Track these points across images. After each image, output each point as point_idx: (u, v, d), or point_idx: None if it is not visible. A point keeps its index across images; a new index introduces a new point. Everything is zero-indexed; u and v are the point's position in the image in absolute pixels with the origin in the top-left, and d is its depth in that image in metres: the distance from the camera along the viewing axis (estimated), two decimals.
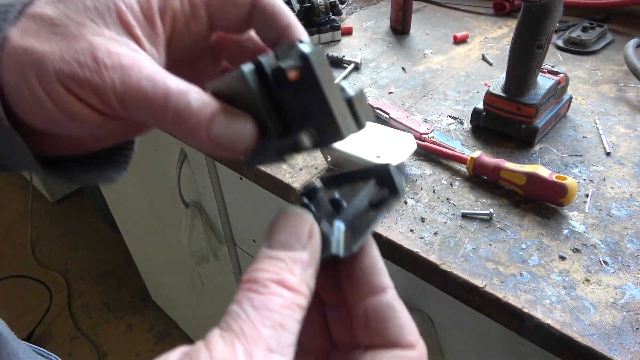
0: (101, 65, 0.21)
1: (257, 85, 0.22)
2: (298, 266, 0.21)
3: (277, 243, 0.21)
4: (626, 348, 0.41)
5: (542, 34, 0.59)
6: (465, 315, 0.57)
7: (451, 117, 0.73)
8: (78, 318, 1.93)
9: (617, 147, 0.64)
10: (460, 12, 1.09)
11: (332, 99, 0.21)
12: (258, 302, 0.19)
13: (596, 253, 0.50)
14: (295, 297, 0.20)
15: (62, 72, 0.21)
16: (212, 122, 0.22)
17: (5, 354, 0.35)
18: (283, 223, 0.22)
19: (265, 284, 0.20)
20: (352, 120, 0.22)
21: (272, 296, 0.19)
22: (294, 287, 0.20)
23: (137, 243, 1.59)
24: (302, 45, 0.21)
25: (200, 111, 0.22)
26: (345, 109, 0.22)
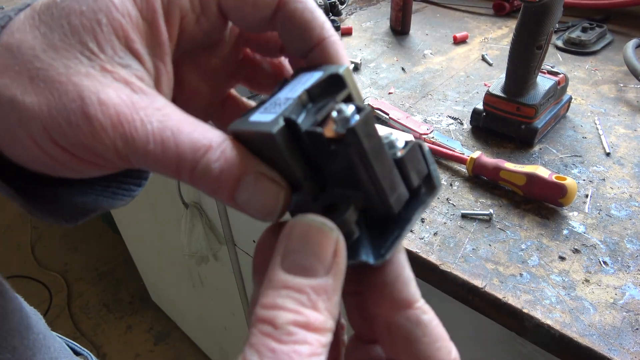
0: (96, 125, 0.18)
1: (289, 148, 0.19)
2: (322, 297, 0.17)
3: (295, 266, 0.18)
4: (626, 348, 0.41)
5: (541, 35, 0.59)
6: (465, 315, 0.57)
7: (451, 118, 0.73)
8: (78, 318, 1.93)
9: (616, 148, 0.64)
10: (460, 12, 1.09)
11: (382, 172, 0.19)
12: (282, 355, 0.16)
13: (596, 253, 0.50)
14: (322, 338, 0.17)
15: (52, 130, 0.18)
16: (238, 188, 0.19)
17: (48, 357, 0.35)
18: (302, 239, 0.18)
19: (288, 330, 0.16)
20: (403, 188, 0.20)
21: (298, 345, 0.16)
22: (319, 327, 0.17)
23: (137, 243, 1.59)
24: (347, 108, 0.18)
25: (222, 175, 0.19)
26: (396, 177, 0.20)
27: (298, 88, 0.20)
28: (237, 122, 0.21)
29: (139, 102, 0.19)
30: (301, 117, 0.19)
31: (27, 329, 0.33)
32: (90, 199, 0.25)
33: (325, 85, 0.20)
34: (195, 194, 1.01)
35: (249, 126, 0.20)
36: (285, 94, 0.21)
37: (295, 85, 0.21)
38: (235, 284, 1.12)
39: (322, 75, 0.20)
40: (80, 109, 0.18)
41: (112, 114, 0.18)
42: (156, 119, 0.18)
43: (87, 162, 0.20)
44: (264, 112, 0.20)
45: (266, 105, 0.21)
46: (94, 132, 0.18)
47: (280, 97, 0.21)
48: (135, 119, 0.18)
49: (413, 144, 0.20)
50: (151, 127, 0.18)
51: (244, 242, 1.00)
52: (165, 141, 0.18)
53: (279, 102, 0.20)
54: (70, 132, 0.18)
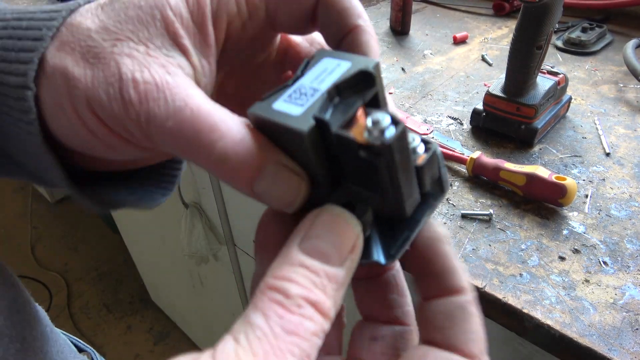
0: (126, 99, 0.19)
1: (316, 147, 0.19)
2: (333, 285, 0.18)
3: (314, 250, 0.18)
4: (626, 348, 0.41)
5: (541, 35, 0.59)
6: None
7: (451, 118, 0.73)
8: (78, 318, 1.93)
9: (616, 148, 0.65)
10: (460, 12, 1.09)
11: (404, 181, 0.19)
12: (289, 324, 0.16)
13: (596, 253, 0.50)
14: (325, 322, 0.17)
15: (93, 100, 0.20)
16: (257, 178, 0.19)
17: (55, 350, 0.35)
18: (325, 226, 0.19)
19: (298, 301, 0.17)
20: (418, 193, 0.20)
21: (305, 320, 0.17)
22: (325, 311, 0.17)
23: (137, 244, 1.59)
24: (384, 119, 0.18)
25: (241, 163, 0.19)
26: (414, 184, 0.20)
27: (325, 78, 0.20)
28: (259, 105, 0.20)
29: (168, 82, 0.20)
30: (328, 114, 0.19)
31: (36, 321, 0.34)
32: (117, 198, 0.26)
33: (354, 80, 0.20)
34: (195, 194, 1.01)
35: (275, 116, 0.19)
36: (311, 82, 0.20)
37: (320, 72, 0.20)
38: (235, 284, 1.12)
39: (350, 68, 0.20)
40: (117, 83, 0.19)
41: (140, 90, 0.19)
42: (179, 98, 0.19)
43: (120, 138, 0.21)
44: (289, 100, 0.20)
45: (290, 92, 0.20)
46: (125, 106, 0.19)
47: (305, 86, 0.20)
48: (160, 97, 0.19)
49: (433, 151, 0.20)
50: (173, 105, 0.19)
51: (244, 243, 1.00)
52: (183, 121, 0.19)
53: (304, 92, 0.20)
54: (107, 104, 0.20)
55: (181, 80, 0.20)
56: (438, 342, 0.20)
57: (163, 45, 0.21)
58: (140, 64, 0.20)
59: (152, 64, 0.20)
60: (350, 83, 0.20)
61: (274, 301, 0.17)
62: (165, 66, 0.20)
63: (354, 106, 0.19)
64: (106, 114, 0.20)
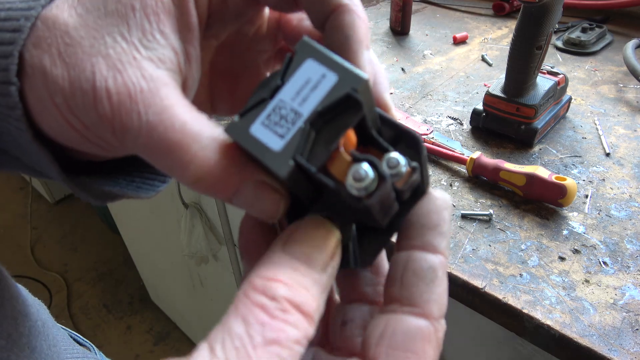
0: (99, 110, 0.19)
1: (295, 183, 0.19)
2: (317, 289, 0.18)
3: (299, 253, 0.18)
4: (626, 349, 0.41)
5: (541, 35, 0.59)
6: (464, 316, 0.57)
7: (451, 118, 0.73)
8: (77, 319, 1.93)
9: (616, 148, 0.65)
10: (460, 13, 1.09)
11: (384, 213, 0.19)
12: (271, 332, 0.16)
13: (596, 254, 0.50)
14: (309, 327, 0.17)
15: (73, 105, 0.19)
16: (236, 194, 0.19)
17: (46, 345, 0.35)
18: (308, 233, 0.19)
19: (283, 305, 0.16)
20: (396, 206, 0.20)
21: (288, 326, 0.16)
22: (311, 314, 0.17)
23: (137, 244, 1.59)
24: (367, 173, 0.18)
25: (217, 183, 0.19)
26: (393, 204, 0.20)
27: (307, 96, 0.19)
28: (235, 126, 0.19)
29: (143, 90, 0.19)
30: (307, 151, 0.19)
31: (23, 317, 0.33)
32: (115, 190, 0.26)
33: (339, 105, 0.19)
34: (195, 195, 1.01)
35: (253, 147, 0.19)
36: (292, 99, 0.19)
37: (302, 84, 0.19)
38: (235, 284, 1.12)
39: (336, 87, 0.19)
40: (92, 92, 0.19)
41: (114, 102, 0.19)
42: (153, 111, 0.19)
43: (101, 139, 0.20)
44: (268, 124, 0.19)
45: (269, 111, 0.19)
46: (99, 117, 0.19)
47: (285, 103, 0.19)
48: (133, 110, 0.19)
49: (417, 169, 0.20)
50: (146, 119, 0.18)
51: None
52: (156, 138, 0.18)
53: (284, 115, 0.19)
54: (83, 108, 0.19)
55: (158, 86, 0.19)
56: (400, 299, 0.20)
57: (144, 36, 0.20)
58: (114, 67, 0.19)
59: (128, 67, 0.19)
60: (334, 108, 0.19)
61: (257, 305, 0.16)
62: (142, 68, 0.19)
63: (336, 138, 0.19)
64: (84, 117, 0.20)
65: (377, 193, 0.18)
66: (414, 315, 0.19)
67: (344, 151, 0.19)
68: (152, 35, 0.20)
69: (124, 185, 0.27)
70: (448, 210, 0.21)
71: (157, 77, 0.19)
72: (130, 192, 0.27)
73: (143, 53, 0.20)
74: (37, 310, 0.36)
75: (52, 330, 0.37)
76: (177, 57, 0.21)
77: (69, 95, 0.19)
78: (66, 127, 0.20)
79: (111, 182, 0.26)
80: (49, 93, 0.20)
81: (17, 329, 0.32)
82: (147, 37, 0.20)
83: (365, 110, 0.19)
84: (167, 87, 0.20)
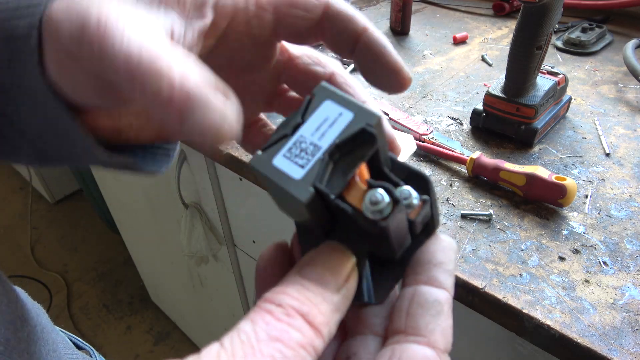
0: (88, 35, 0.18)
1: (314, 211, 0.20)
2: (327, 307, 0.18)
3: (312, 276, 0.19)
4: (625, 349, 0.41)
5: (541, 35, 0.59)
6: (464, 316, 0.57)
7: (451, 118, 0.73)
8: (77, 319, 1.93)
9: (616, 148, 0.65)
10: (460, 13, 1.09)
11: (397, 241, 0.21)
12: (275, 330, 0.17)
13: (596, 254, 0.50)
14: (315, 337, 0.17)
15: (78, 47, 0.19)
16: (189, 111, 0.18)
17: (45, 350, 0.35)
18: (323, 257, 0.20)
19: (288, 311, 0.17)
20: (409, 239, 0.22)
21: (292, 328, 0.17)
22: (317, 325, 0.18)
23: (137, 244, 1.59)
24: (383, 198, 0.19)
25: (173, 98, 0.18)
26: (407, 235, 0.21)
27: (326, 131, 0.20)
28: (259, 159, 0.21)
29: (130, 19, 0.18)
30: (326, 179, 0.20)
31: (22, 322, 0.33)
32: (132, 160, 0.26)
33: (355, 139, 0.20)
34: (195, 195, 1.01)
35: (276, 176, 0.20)
36: (312, 134, 0.21)
37: (321, 121, 0.21)
38: (235, 284, 1.12)
39: (352, 123, 0.20)
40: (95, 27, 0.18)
41: (101, 28, 0.18)
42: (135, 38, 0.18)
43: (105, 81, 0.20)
44: (289, 157, 0.20)
45: (290, 145, 0.21)
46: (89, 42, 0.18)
47: (306, 138, 0.21)
48: (116, 35, 0.18)
49: (427, 202, 0.21)
50: (127, 43, 0.18)
51: (243, 243, 1.00)
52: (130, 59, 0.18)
53: (305, 148, 0.20)
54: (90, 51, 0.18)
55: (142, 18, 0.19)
56: (406, 329, 0.20)
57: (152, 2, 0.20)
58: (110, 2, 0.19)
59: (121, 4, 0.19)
60: (351, 141, 0.20)
61: (264, 310, 0.17)
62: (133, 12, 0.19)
63: (353, 168, 0.20)
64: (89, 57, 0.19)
65: (392, 216, 0.19)
66: (420, 344, 0.19)
67: (360, 181, 0.20)
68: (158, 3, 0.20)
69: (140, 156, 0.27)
70: (454, 252, 0.22)
71: (144, 13, 0.20)
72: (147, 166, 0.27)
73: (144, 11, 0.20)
74: (36, 315, 0.36)
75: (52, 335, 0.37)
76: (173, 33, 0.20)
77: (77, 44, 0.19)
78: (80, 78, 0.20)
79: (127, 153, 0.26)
80: (63, 49, 0.20)
81: (15, 334, 0.31)
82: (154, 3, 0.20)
83: (379, 145, 0.20)
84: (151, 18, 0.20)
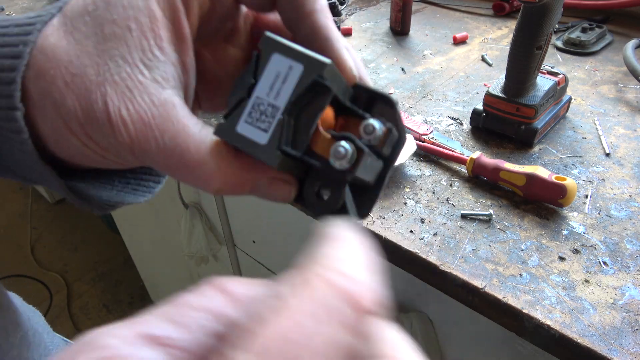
0: (119, 139, 0.20)
1: (287, 166, 0.22)
2: None
3: None
4: (625, 349, 0.41)
5: (541, 35, 0.59)
6: (464, 316, 0.57)
7: (451, 118, 0.73)
8: (77, 319, 1.93)
9: (616, 148, 0.65)
10: (460, 13, 1.09)
11: (367, 174, 0.22)
12: None
13: (596, 254, 0.50)
14: None
15: (90, 130, 0.21)
16: (253, 191, 0.22)
17: (37, 354, 0.35)
18: None
19: None
20: (379, 166, 0.23)
21: None
22: None
23: (137, 244, 1.59)
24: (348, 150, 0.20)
25: (235, 189, 0.22)
26: (376, 166, 0.22)
27: (280, 89, 0.21)
28: (223, 127, 0.22)
29: (155, 117, 0.20)
30: (290, 134, 0.21)
31: (15, 327, 0.33)
32: (112, 194, 0.27)
33: (309, 91, 0.21)
34: (195, 195, 1.01)
35: (243, 144, 0.21)
36: (267, 95, 0.21)
37: (273, 79, 0.21)
38: None
39: (303, 75, 0.21)
40: (107, 121, 0.20)
41: (131, 131, 0.20)
42: (169, 136, 0.20)
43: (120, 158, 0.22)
44: (251, 122, 0.21)
45: (249, 110, 0.21)
46: (118, 143, 0.20)
47: (262, 100, 0.21)
48: (150, 137, 0.20)
49: (392, 128, 0.22)
50: (162, 143, 0.20)
51: (243, 243, 1.00)
52: (175, 160, 0.21)
53: (263, 110, 0.21)
54: (102, 136, 0.21)
55: (167, 109, 0.21)
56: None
57: (144, 55, 0.21)
58: (124, 95, 0.20)
59: (137, 94, 0.20)
60: (306, 95, 0.21)
61: None
62: (150, 93, 0.20)
63: (313, 120, 0.21)
64: (104, 144, 0.21)
65: (359, 165, 0.20)
66: None
67: (324, 130, 0.21)
68: (151, 53, 0.21)
69: (120, 189, 0.27)
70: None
71: (164, 100, 0.21)
72: (128, 198, 0.28)
73: (147, 75, 0.21)
74: (29, 319, 0.36)
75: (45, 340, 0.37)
76: (177, 70, 0.22)
77: (85, 124, 0.20)
78: (83, 149, 0.21)
79: (108, 186, 0.27)
80: (64, 122, 0.20)
81: (7, 340, 0.32)
82: (147, 56, 0.21)
83: (335, 89, 0.21)
84: (176, 109, 0.21)
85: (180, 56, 0.22)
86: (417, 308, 0.65)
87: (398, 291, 0.66)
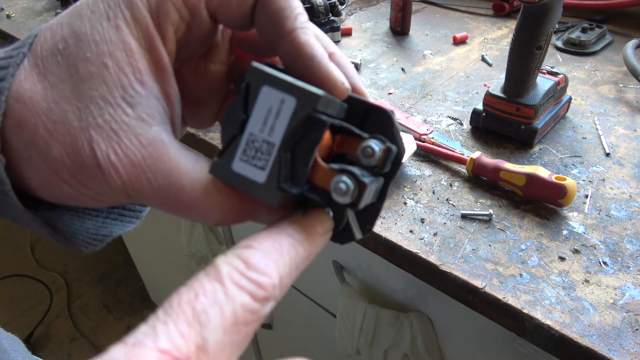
0: (111, 184, 0.20)
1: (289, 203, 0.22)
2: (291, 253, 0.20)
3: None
4: (625, 349, 0.42)
5: (541, 35, 0.59)
6: (464, 316, 0.57)
7: (451, 118, 0.73)
8: (77, 319, 1.93)
9: (616, 148, 0.65)
10: (460, 13, 1.09)
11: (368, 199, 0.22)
12: None
13: (595, 254, 0.50)
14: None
15: (80, 177, 0.20)
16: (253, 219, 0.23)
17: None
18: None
19: None
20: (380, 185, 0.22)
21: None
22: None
23: (137, 244, 1.59)
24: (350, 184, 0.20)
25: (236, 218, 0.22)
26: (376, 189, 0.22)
27: (274, 125, 0.20)
28: (218, 165, 0.21)
29: (145, 158, 0.20)
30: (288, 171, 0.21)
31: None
32: (98, 224, 0.27)
33: (304, 126, 0.20)
34: None
35: (239, 182, 0.21)
36: (261, 131, 0.20)
37: (265, 114, 0.20)
38: None
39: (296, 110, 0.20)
40: (96, 167, 0.20)
41: (122, 174, 0.20)
42: (162, 176, 0.20)
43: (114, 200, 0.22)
44: (246, 160, 0.21)
45: (244, 147, 0.21)
46: (111, 188, 0.20)
47: (256, 137, 0.20)
48: (142, 178, 0.20)
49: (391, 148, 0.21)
50: (156, 184, 0.20)
51: None
52: (172, 199, 0.21)
53: (258, 147, 0.20)
54: (94, 182, 0.20)
55: (157, 148, 0.20)
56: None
57: (125, 92, 0.20)
58: (110, 139, 0.19)
59: (124, 136, 0.20)
60: (301, 129, 0.20)
61: None
62: (137, 134, 0.20)
63: (311, 153, 0.20)
64: (97, 189, 0.21)
65: (362, 199, 0.20)
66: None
67: (323, 162, 0.21)
68: (132, 89, 0.20)
69: (105, 216, 0.27)
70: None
71: (152, 138, 0.20)
72: (115, 229, 0.27)
73: (131, 114, 0.20)
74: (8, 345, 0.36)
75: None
76: (161, 103, 0.21)
77: (75, 172, 0.20)
78: (75, 194, 0.21)
79: (93, 213, 0.26)
80: (53, 171, 0.20)
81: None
82: (128, 93, 0.20)
83: (330, 117, 0.21)
84: (166, 146, 0.20)
85: (162, 86, 0.21)
86: (417, 308, 0.65)
87: (398, 291, 0.66)
